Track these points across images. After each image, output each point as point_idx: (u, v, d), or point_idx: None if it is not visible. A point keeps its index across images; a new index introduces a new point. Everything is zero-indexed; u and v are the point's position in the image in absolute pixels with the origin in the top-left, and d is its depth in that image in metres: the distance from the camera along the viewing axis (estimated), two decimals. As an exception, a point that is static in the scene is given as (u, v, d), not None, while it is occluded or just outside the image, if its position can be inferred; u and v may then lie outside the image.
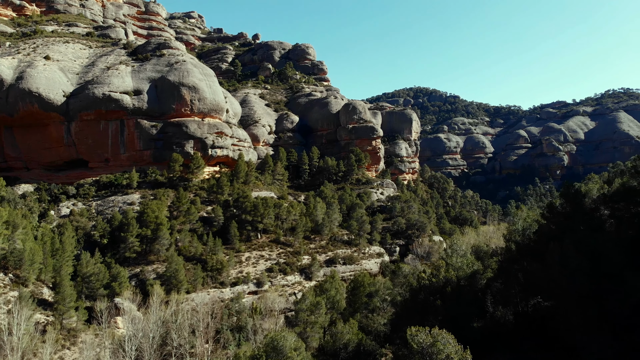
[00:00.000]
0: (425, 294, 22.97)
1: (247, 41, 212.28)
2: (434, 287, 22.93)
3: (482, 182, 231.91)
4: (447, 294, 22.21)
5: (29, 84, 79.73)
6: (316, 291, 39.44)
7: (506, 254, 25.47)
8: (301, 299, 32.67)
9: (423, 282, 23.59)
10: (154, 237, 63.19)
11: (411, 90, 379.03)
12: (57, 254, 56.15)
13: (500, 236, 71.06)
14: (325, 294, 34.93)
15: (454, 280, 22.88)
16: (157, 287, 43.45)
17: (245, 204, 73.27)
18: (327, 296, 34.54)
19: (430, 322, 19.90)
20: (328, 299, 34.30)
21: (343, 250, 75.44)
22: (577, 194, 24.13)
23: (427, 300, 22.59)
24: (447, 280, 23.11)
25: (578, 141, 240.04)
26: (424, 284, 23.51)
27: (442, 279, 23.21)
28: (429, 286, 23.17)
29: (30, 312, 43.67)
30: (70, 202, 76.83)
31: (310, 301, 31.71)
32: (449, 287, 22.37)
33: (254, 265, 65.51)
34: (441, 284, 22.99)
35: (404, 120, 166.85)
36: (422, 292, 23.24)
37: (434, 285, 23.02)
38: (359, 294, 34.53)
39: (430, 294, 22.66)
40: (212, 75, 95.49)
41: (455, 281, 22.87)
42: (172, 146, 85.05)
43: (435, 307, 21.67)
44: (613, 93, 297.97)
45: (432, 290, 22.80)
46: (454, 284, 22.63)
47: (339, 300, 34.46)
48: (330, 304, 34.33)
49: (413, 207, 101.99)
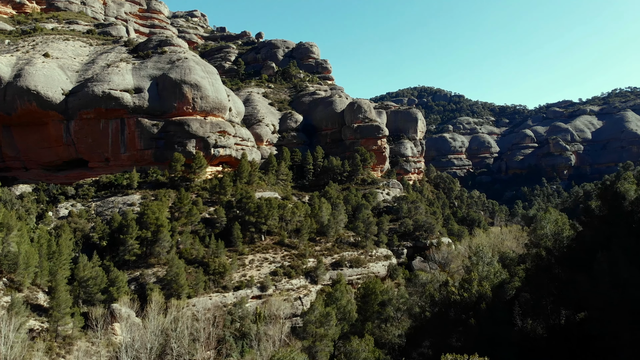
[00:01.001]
0: (456, 311, 20.56)
1: (251, 40, 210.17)
2: (466, 303, 20.49)
3: (488, 182, 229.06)
4: (481, 311, 19.80)
5: (27, 82, 77.82)
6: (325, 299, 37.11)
7: (536, 261, 23.12)
8: (309, 309, 30.36)
9: (453, 298, 21.09)
10: (154, 239, 61.09)
11: (415, 89, 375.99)
12: (54, 257, 54.12)
13: (513, 238, 68.73)
14: (335, 303, 32.52)
15: (488, 295, 20.43)
16: (155, 294, 41.29)
17: (249, 204, 71.07)
18: (337, 306, 32.13)
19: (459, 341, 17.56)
20: (338, 309, 31.89)
21: (349, 253, 73.14)
22: (616, 195, 21.72)
23: (458, 318, 20.19)
24: (480, 295, 20.63)
25: (585, 141, 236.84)
26: (454, 299, 21.02)
27: (474, 293, 20.76)
28: (459, 302, 20.73)
29: (23, 318, 41.70)
30: (69, 202, 74.85)
31: (319, 311, 29.30)
32: (484, 302, 19.94)
33: (257, 269, 63.28)
34: (474, 299, 20.54)
35: (409, 120, 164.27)
36: (453, 309, 20.80)
37: (465, 301, 20.57)
38: (371, 302, 32.20)
39: (462, 311, 20.25)
40: (214, 73, 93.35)
41: (491, 296, 20.43)
42: (173, 145, 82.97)
43: (468, 326, 19.30)
44: (620, 92, 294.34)
45: (464, 307, 20.38)
46: (488, 300, 20.19)
47: (350, 311, 32.04)
48: (341, 314, 31.88)
49: (420, 208, 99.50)
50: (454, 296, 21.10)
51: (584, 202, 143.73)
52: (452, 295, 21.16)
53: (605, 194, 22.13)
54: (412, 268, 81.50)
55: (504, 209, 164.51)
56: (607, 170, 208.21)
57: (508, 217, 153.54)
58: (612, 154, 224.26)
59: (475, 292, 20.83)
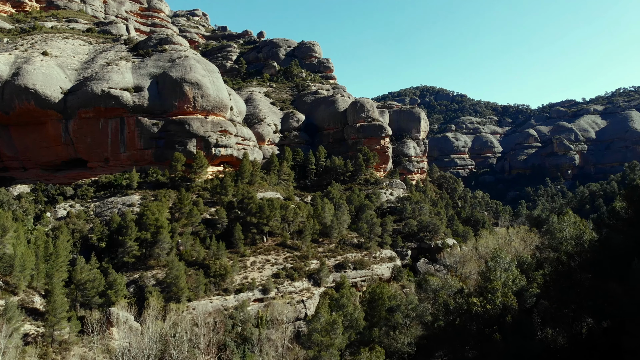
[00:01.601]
0: (478, 325, 19.09)
1: (252, 39, 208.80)
2: (489, 315, 19.00)
3: (491, 182, 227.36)
4: (507, 324, 18.33)
5: (25, 81, 76.56)
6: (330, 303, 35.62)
7: (556, 267, 21.68)
8: (314, 316, 28.94)
9: (475, 309, 19.61)
10: (153, 240, 59.77)
11: (417, 89, 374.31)
12: (51, 259, 52.83)
13: (520, 240, 67.08)
14: (341, 310, 31.10)
15: (514, 307, 18.94)
16: (154, 298, 39.87)
17: (250, 205, 69.69)
18: (343, 313, 30.71)
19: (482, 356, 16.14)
20: (345, 316, 30.46)
21: (353, 254, 71.70)
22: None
23: (481, 332, 18.70)
24: (505, 307, 19.14)
25: (589, 140, 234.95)
26: (476, 311, 19.55)
27: (498, 305, 19.29)
28: (482, 314, 19.25)
29: (18, 323, 40.40)
30: (68, 203, 73.56)
31: (325, 319, 27.83)
32: (509, 315, 18.46)
33: (259, 271, 61.88)
34: (498, 311, 19.06)
35: (412, 119, 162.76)
36: (475, 322, 19.34)
37: (489, 313, 19.09)
38: (378, 307, 30.77)
39: (485, 324, 18.77)
40: (215, 72, 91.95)
41: (516, 308, 18.94)
42: (174, 145, 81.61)
43: (492, 341, 17.82)
44: (624, 91, 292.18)
45: (487, 320, 18.88)
46: (514, 312, 18.70)
47: (358, 318, 30.60)
48: (348, 322, 30.44)
49: (424, 209, 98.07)
50: (475, 308, 19.57)
51: (590, 202, 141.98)
52: (474, 306, 19.63)
53: (631, 194, 20.67)
54: (416, 270, 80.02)
55: (507, 209, 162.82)
56: (611, 170, 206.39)
57: (512, 217, 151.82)
58: (617, 153, 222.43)
59: (500, 303, 19.36)
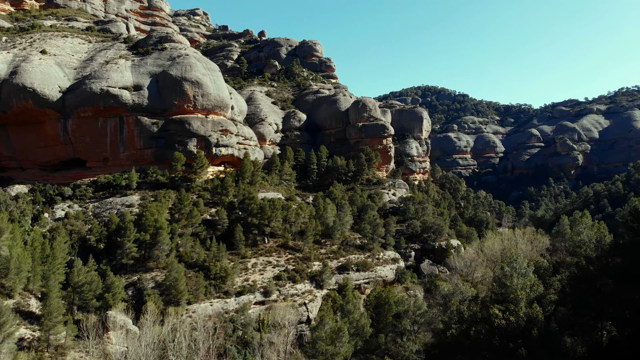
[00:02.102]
0: (501, 339, 17.82)
1: (253, 38, 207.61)
2: (513, 328, 17.71)
3: (494, 182, 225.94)
4: (533, 339, 17.08)
5: (23, 79, 75.39)
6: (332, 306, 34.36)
7: (576, 272, 20.44)
8: (319, 323, 27.67)
9: (498, 322, 18.31)
10: (153, 242, 58.56)
11: (419, 89, 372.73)
12: (48, 261, 51.66)
13: (527, 241, 65.87)
14: (347, 316, 29.83)
15: (540, 319, 17.65)
16: (151, 303, 38.66)
17: (252, 205, 68.47)
18: (349, 319, 29.44)
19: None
20: (351, 323, 29.19)
21: (356, 256, 70.45)
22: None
23: (504, 347, 17.43)
24: (529, 319, 17.84)
25: (592, 140, 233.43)
26: (499, 324, 18.23)
27: (522, 317, 17.99)
28: (505, 327, 17.95)
29: (12, 328, 39.27)
30: (66, 203, 72.39)
31: (330, 327, 26.56)
32: (535, 329, 17.15)
33: (260, 273, 60.65)
34: (522, 323, 17.79)
35: (414, 119, 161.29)
36: (497, 336, 18.07)
37: (512, 326, 17.78)
38: (384, 312, 29.54)
39: (509, 339, 17.46)
40: (216, 70, 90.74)
41: (543, 320, 17.66)
42: (174, 144, 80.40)
43: (518, 357, 16.56)
44: (627, 91, 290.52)
45: (510, 333, 17.62)
46: (540, 325, 17.42)
47: (364, 325, 29.31)
48: (354, 329, 29.17)
49: (427, 209, 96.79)
50: (497, 320, 18.22)
51: (595, 203, 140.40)
52: (496, 318, 18.35)
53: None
54: (420, 271, 78.87)
55: (510, 209, 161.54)
56: (615, 170, 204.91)
57: (515, 217, 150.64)
58: (620, 153, 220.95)
59: (524, 315, 18.07)
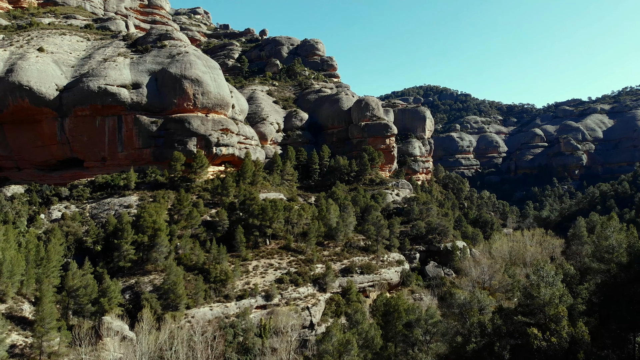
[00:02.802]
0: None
1: (254, 37, 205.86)
2: (554, 350, 15.86)
3: (497, 182, 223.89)
4: None
5: (20, 77, 73.78)
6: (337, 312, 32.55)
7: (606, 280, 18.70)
8: (325, 335, 25.89)
9: (537, 344, 16.48)
10: (151, 244, 56.87)
11: (421, 88, 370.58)
12: (42, 264, 49.96)
13: (537, 243, 64.04)
14: (355, 327, 28.03)
15: (585, 340, 15.80)
16: (147, 310, 36.92)
17: (253, 206, 66.71)
18: (357, 330, 27.61)
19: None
20: (359, 334, 27.37)
21: (360, 258, 68.65)
22: None
23: None
24: (573, 339, 15.99)
25: (596, 140, 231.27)
26: (539, 346, 16.37)
27: (565, 337, 16.17)
28: (546, 350, 16.14)
29: (3, 335, 37.63)
30: (63, 204, 70.73)
31: (337, 339, 24.69)
32: (581, 352, 15.26)
33: (262, 276, 58.89)
34: (565, 345, 15.95)
35: (417, 118, 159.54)
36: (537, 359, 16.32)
37: (553, 348, 15.91)
38: (393, 320, 27.79)
39: None
40: (216, 68, 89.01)
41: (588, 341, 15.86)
42: (173, 144, 78.71)
43: None
44: (631, 90, 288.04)
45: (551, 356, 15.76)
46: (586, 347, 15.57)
47: (374, 337, 27.40)
48: (363, 340, 27.34)
49: (432, 210, 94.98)
50: (538, 342, 16.35)
51: (601, 203, 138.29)
52: (535, 339, 16.39)
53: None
54: (425, 273, 77.07)
55: (514, 210, 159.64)
56: (619, 169, 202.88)
57: (519, 218, 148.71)
58: (625, 153, 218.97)
59: (567, 335, 16.18)
